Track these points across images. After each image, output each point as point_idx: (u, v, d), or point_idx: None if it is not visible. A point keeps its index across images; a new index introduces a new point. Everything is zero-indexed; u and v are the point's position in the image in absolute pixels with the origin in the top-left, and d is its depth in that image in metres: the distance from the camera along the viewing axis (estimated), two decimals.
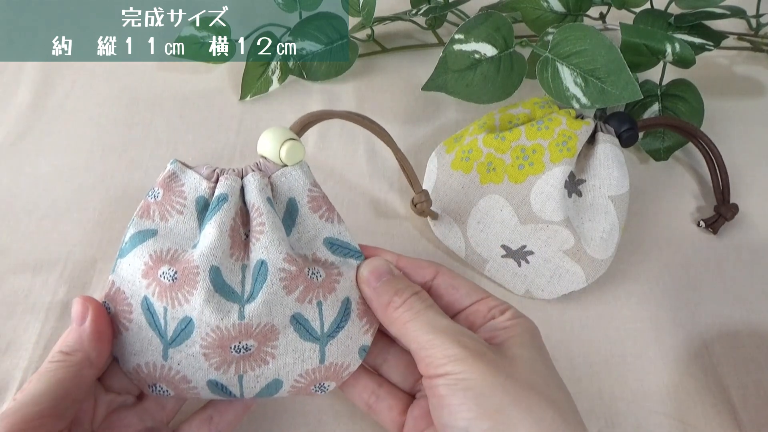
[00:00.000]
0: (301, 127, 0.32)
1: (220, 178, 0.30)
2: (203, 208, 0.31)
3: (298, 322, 0.30)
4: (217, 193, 0.30)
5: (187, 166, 0.31)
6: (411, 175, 0.39)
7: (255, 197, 0.30)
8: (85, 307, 0.29)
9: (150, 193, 0.31)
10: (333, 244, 0.32)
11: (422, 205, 0.40)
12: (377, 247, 0.33)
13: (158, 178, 0.31)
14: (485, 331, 0.30)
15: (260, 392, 0.31)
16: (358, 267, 0.32)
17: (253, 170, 0.31)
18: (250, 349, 0.29)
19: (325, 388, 0.31)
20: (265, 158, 0.31)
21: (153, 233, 0.30)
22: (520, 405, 0.26)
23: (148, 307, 0.29)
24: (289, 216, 0.31)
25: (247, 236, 0.31)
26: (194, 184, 0.31)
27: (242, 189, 0.31)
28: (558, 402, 0.27)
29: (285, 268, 0.29)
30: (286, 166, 0.31)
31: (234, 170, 0.31)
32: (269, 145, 0.31)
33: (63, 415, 0.27)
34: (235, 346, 0.29)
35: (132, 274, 0.30)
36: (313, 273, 0.30)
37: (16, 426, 0.25)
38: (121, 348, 0.30)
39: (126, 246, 0.30)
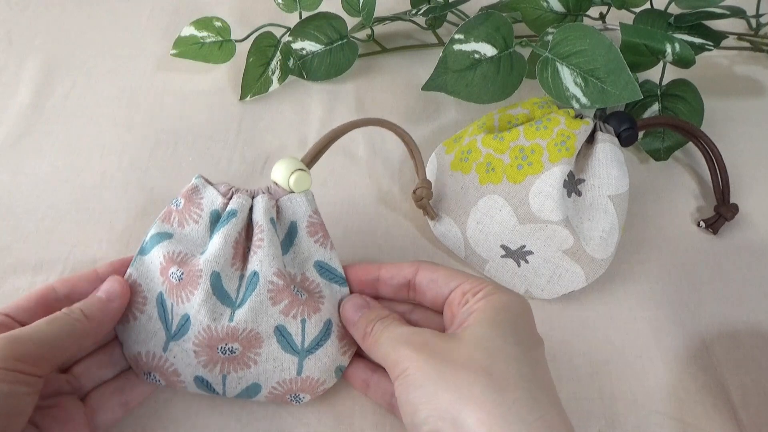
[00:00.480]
0: (311, 159, 0.36)
1: (234, 196, 0.34)
2: (215, 221, 0.34)
3: (282, 334, 0.32)
4: (228, 208, 0.33)
5: (209, 183, 0.35)
6: (419, 162, 0.41)
7: (260, 216, 0.33)
8: (123, 289, 0.32)
9: (174, 201, 0.34)
10: (322, 268, 0.35)
11: (422, 191, 0.40)
12: (360, 263, 0.35)
13: (182, 190, 0.34)
14: (461, 318, 0.30)
15: (240, 393, 0.33)
16: (340, 305, 0.34)
17: (263, 193, 0.34)
18: (235, 352, 0.32)
19: (300, 399, 0.34)
20: (276, 184, 0.35)
21: (169, 236, 0.33)
22: (450, 387, 0.26)
23: (162, 302, 0.32)
24: (288, 237, 0.35)
25: (249, 250, 0.33)
26: (211, 199, 0.34)
27: (252, 208, 0.34)
28: (494, 373, 0.26)
29: (273, 281, 0.32)
30: (293, 192, 0.34)
31: (247, 191, 0.34)
32: (281, 173, 0.34)
33: (52, 365, 0.28)
34: (221, 347, 0.32)
35: (153, 271, 0.33)
36: (297, 291, 0.33)
37: (15, 354, 0.26)
38: (127, 334, 0.33)
39: (147, 245, 0.33)
